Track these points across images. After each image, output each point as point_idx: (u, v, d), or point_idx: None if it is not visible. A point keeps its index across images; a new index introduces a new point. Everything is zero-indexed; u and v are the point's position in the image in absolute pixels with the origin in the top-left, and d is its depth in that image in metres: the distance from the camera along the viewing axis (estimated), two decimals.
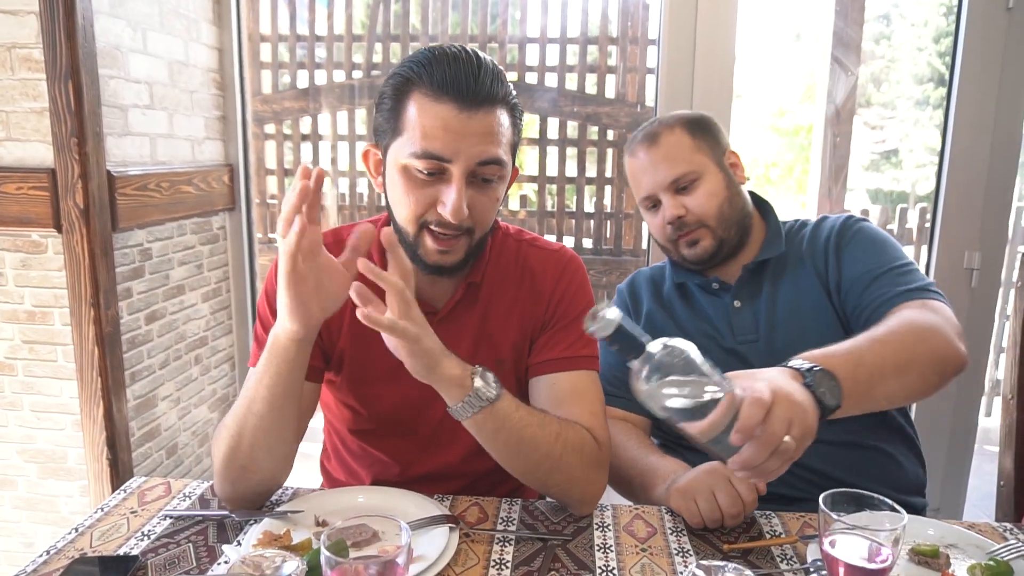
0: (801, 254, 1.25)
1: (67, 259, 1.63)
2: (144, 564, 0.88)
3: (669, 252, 1.30)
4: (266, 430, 0.94)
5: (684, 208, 1.22)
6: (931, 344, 0.99)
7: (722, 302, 1.26)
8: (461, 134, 0.91)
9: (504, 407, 0.94)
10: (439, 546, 0.88)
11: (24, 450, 1.77)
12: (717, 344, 1.25)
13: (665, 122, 1.26)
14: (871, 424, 1.19)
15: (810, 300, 1.21)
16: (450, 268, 1.00)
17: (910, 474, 1.21)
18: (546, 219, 3.21)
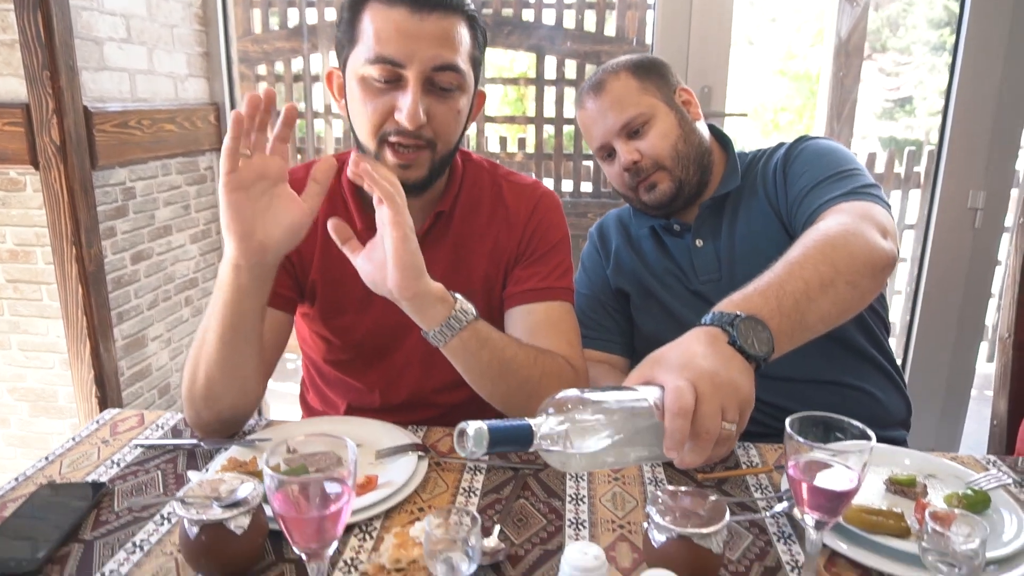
0: (755, 185, 1.21)
1: (46, 197, 1.61)
2: (111, 490, 0.88)
3: (631, 200, 1.26)
4: (220, 361, 0.92)
5: (638, 153, 1.18)
6: (849, 249, 0.91)
7: (684, 243, 1.23)
8: (415, 37, 0.90)
9: (484, 327, 0.93)
10: (406, 473, 0.87)
11: (14, 388, 1.78)
12: (684, 286, 1.22)
13: (609, 68, 1.21)
14: (842, 359, 1.16)
15: (766, 232, 1.17)
16: (414, 185, 0.97)
17: (889, 408, 1.19)
18: (544, 161, 3.15)
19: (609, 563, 0.76)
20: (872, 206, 1.01)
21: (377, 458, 0.92)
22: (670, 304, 1.22)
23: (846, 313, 0.89)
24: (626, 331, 1.29)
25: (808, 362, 1.14)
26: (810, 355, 1.15)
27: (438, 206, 1.06)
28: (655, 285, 1.24)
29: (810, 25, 7.05)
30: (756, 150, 1.27)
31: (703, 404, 0.68)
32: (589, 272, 1.33)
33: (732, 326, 0.77)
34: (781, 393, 1.16)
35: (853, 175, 1.09)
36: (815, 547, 0.68)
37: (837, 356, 1.16)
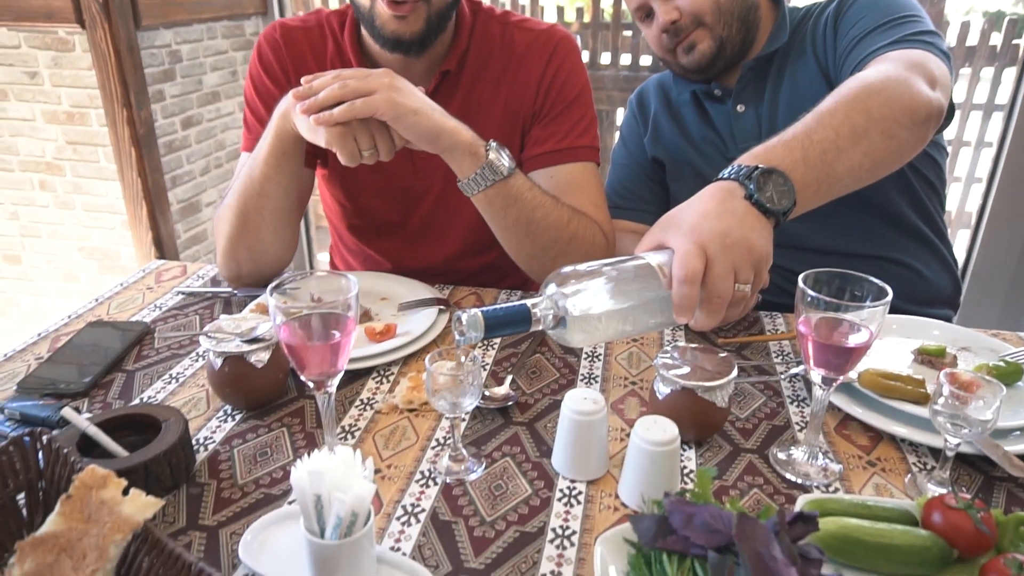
0: (804, 43, 1.11)
1: (94, 57, 1.63)
2: (152, 330, 0.93)
3: (669, 64, 1.17)
4: (272, 210, 0.95)
5: (677, 11, 1.08)
6: (888, 95, 0.82)
7: (725, 108, 1.15)
8: None
9: (517, 184, 0.90)
10: (425, 324, 0.89)
11: (82, 247, 1.88)
12: (721, 154, 1.16)
13: None
14: (884, 232, 1.10)
15: (812, 95, 1.06)
16: (412, 40, 0.92)
17: (934, 284, 1.13)
18: (601, 32, 2.99)
19: (615, 413, 0.77)
20: (923, 54, 0.91)
21: (399, 310, 0.94)
22: (707, 173, 1.17)
23: (880, 166, 0.82)
24: (662, 201, 1.25)
25: (844, 232, 1.09)
26: (847, 224, 1.10)
27: (443, 64, 1.00)
28: (692, 154, 1.18)
29: None
30: (811, 4, 1.16)
31: (713, 267, 0.66)
32: (627, 141, 1.28)
33: (750, 179, 0.72)
34: (814, 264, 1.11)
35: (907, 21, 0.98)
36: (821, 405, 0.68)
37: (876, 227, 1.10)
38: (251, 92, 1.04)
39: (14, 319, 2.03)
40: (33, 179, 1.81)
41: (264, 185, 0.92)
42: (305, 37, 1.04)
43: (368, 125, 0.82)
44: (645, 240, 0.75)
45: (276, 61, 1.03)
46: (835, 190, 0.80)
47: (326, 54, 1.03)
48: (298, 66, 1.03)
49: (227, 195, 1.00)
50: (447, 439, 0.72)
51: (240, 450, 0.70)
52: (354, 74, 0.83)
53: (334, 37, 1.03)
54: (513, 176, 0.88)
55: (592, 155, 1.03)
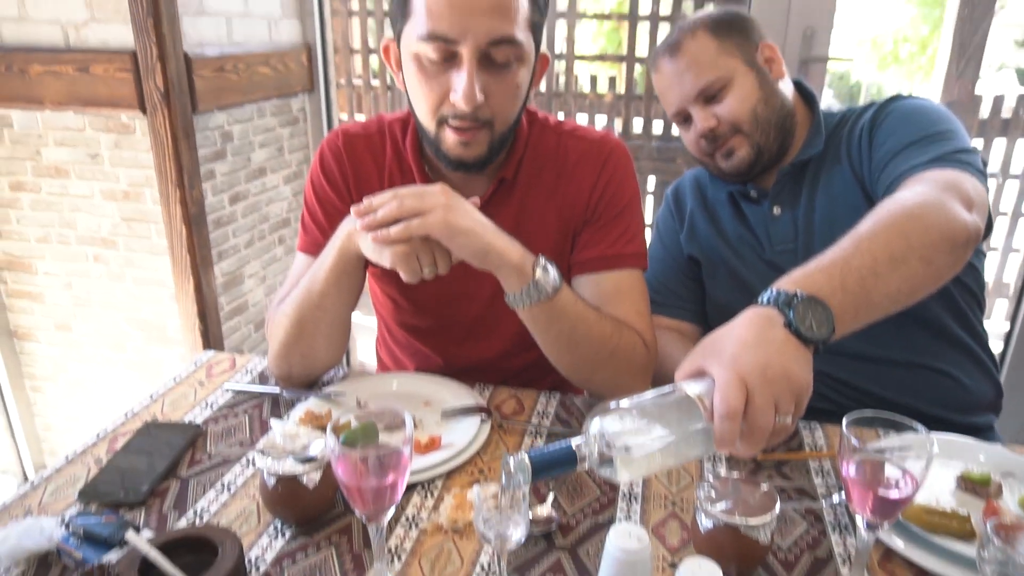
0: (840, 150, 1.13)
1: (152, 141, 1.71)
2: (203, 431, 0.97)
3: (708, 166, 1.21)
4: (329, 321, 0.99)
5: (715, 118, 1.12)
6: (926, 221, 0.83)
7: (761, 210, 1.18)
8: (467, 10, 0.86)
9: (562, 301, 0.93)
10: (469, 435, 0.91)
11: (131, 319, 1.95)
12: (758, 255, 1.18)
13: (686, 28, 1.15)
14: (920, 338, 1.10)
15: (847, 202, 1.09)
16: (473, 163, 0.96)
17: (974, 392, 1.12)
18: (634, 102, 3.05)
19: (657, 539, 0.78)
20: (960, 175, 0.92)
21: (442, 418, 0.97)
22: (743, 274, 1.19)
23: (918, 291, 0.83)
24: (698, 298, 1.27)
25: (882, 340, 1.09)
26: (884, 332, 1.09)
27: (501, 172, 1.04)
28: (728, 253, 1.20)
29: None
30: (846, 109, 1.18)
31: (754, 400, 0.66)
32: (663, 236, 1.30)
33: (789, 307, 0.73)
34: (853, 371, 1.13)
35: (944, 138, 1.00)
36: (866, 546, 0.68)
37: (914, 335, 1.10)
38: (311, 196, 1.09)
39: (62, 385, 2.09)
40: (88, 252, 1.89)
41: (323, 300, 0.96)
42: (366, 144, 1.08)
43: (428, 242, 0.86)
44: (685, 365, 0.76)
45: (337, 168, 1.07)
46: (873, 315, 0.81)
47: (385, 161, 1.07)
48: (358, 173, 1.07)
49: (284, 299, 1.03)
50: (490, 565, 0.73)
51: (290, 572, 0.72)
52: (410, 192, 0.86)
53: (394, 144, 1.08)
54: (558, 294, 0.91)
55: (639, 262, 1.05)
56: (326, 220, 1.07)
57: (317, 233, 1.08)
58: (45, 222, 1.89)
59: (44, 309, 2.00)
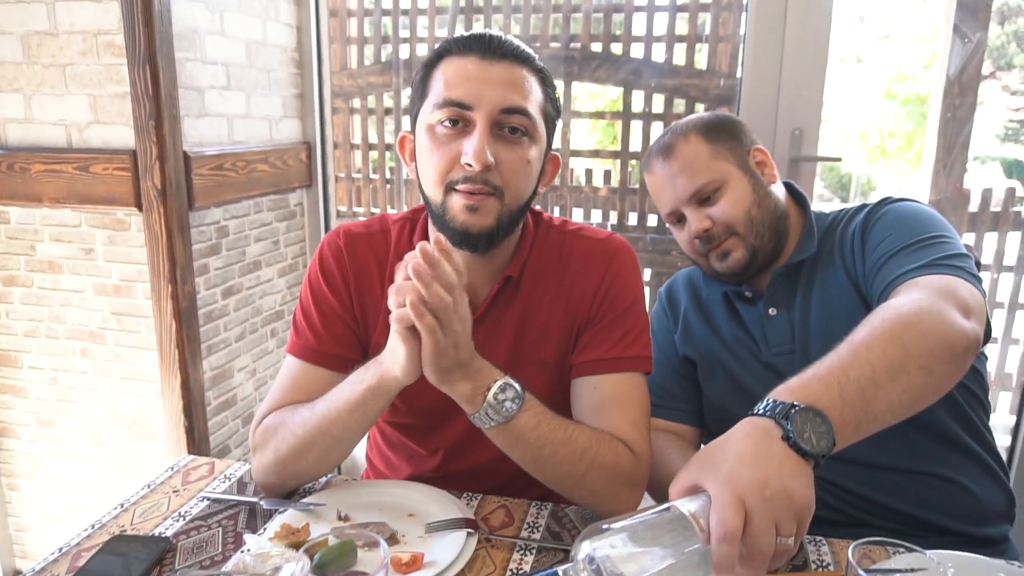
0: (833, 252, 1.13)
1: (147, 237, 1.72)
2: (174, 546, 0.91)
3: (702, 266, 1.21)
4: (339, 449, 0.97)
5: (709, 220, 1.13)
6: (922, 329, 0.81)
7: (756, 311, 1.17)
8: (483, 80, 0.92)
9: (521, 425, 0.89)
10: (453, 551, 0.86)
11: (114, 413, 1.90)
12: (754, 356, 1.16)
13: (678, 131, 1.17)
14: (925, 446, 1.06)
15: (842, 304, 1.08)
16: (480, 235, 0.94)
17: (984, 502, 1.07)
18: (628, 196, 3.10)
19: None
20: (955, 280, 0.92)
21: (427, 532, 0.92)
22: (739, 375, 1.16)
23: (920, 401, 0.81)
24: (694, 399, 1.24)
25: (884, 446, 1.05)
26: (887, 440, 1.06)
27: (506, 270, 1.03)
28: (724, 354, 1.18)
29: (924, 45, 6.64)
30: (838, 210, 1.19)
31: (753, 521, 0.62)
32: (657, 336, 1.28)
33: (787, 418, 0.70)
34: (855, 478, 1.08)
35: (937, 242, 1.00)
36: None
37: (917, 440, 1.06)
38: (307, 295, 1.07)
39: (39, 482, 2.02)
40: (76, 347, 1.87)
41: (344, 432, 0.94)
42: (368, 244, 1.08)
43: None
44: (679, 481, 0.72)
45: (337, 269, 1.06)
46: (874, 427, 0.78)
47: (388, 260, 1.07)
48: (359, 273, 1.06)
49: (275, 408, 1.00)
50: None
51: None
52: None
53: (398, 243, 1.07)
54: (517, 417, 0.88)
55: (641, 364, 1.03)
56: (322, 324, 1.05)
57: (311, 337, 1.05)
58: (35, 316, 1.88)
59: (26, 404, 1.96)
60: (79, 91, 1.70)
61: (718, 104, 2.85)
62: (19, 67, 1.72)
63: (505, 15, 2.99)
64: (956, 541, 1.05)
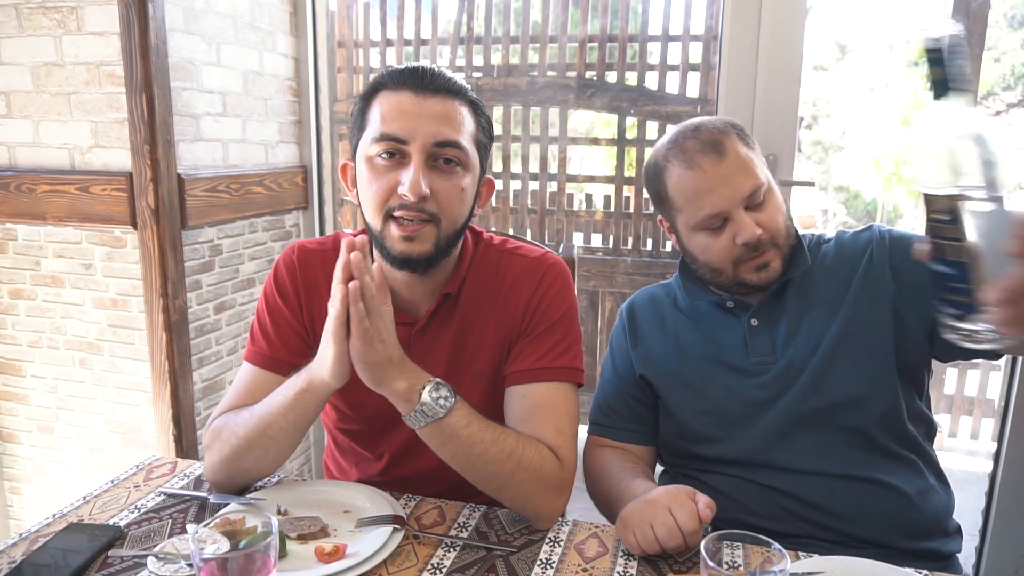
0: (814, 273, 1.16)
1: (141, 253, 1.82)
2: (124, 535, 0.98)
3: (723, 275, 1.14)
4: (277, 449, 1.03)
5: (759, 227, 1.08)
6: None
7: (738, 321, 1.17)
8: (417, 115, 0.97)
9: (452, 424, 0.95)
10: (376, 544, 0.92)
11: (109, 421, 1.99)
12: (725, 366, 1.16)
13: (719, 128, 1.11)
14: (861, 455, 1.09)
15: (822, 321, 1.12)
16: (418, 260, 1.01)
17: (924, 512, 1.10)
18: (623, 220, 3.17)
19: None
20: None
21: (357, 526, 0.97)
22: (706, 385, 1.17)
23: None
24: (645, 419, 1.25)
25: (826, 455, 1.10)
26: (827, 448, 1.09)
27: (445, 288, 1.09)
28: (696, 364, 1.19)
29: None
30: (809, 233, 1.21)
31: None
32: (615, 355, 1.28)
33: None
34: (800, 486, 1.11)
35: None
36: None
37: (857, 449, 1.10)
38: (263, 306, 1.15)
39: (40, 485, 2.12)
40: (75, 357, 1.97)
41: (279, 432, 1.00)
42: (320, 259, 1.15)
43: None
44: None
45: (290, 281, 1.14)
46: None
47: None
48: (309, 287, 1.13)
49: (230, 416, 1.07)
50: None
51: None
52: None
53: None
54: (448, 416, 0.94)
55: (570, 375, 1.08)
56: (275, 333, 1.12)
57: (264, 344, 1.13)
58: (38, 327, 1.99)
59: (29, 411, 2.06)
60: (82, 117, 1.82)
61: None
62: (29, 95, 1.85)
63: (504, 45, 3.10)
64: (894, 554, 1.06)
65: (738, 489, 1.14)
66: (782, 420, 1.11)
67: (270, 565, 0.67)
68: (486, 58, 3.10)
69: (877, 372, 1.09)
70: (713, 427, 1.16)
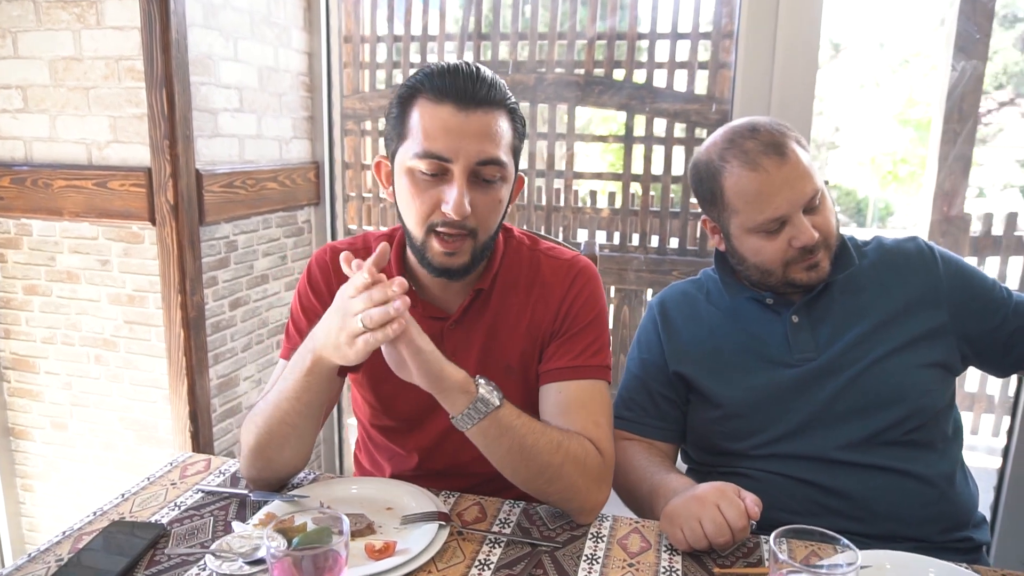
0: (870, 275, 1.18)
1: (159, 249, 1.81)
2: (168, 532, 0.98)
3: (771, 275, 1.16)
4: (297, 435, 1.04)
5: (816, 230, 1.11)
6: None
7: (779, 318, 1.18)
8: (460, 133, 0.96)
9: (506, 415, 0.96)
10: (425, 541, 0.92)
11: (124, 418, 1.98)
12: (765, 359, 1.17)
13: (778, 130, 1.12)
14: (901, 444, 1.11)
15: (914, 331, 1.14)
16: (456, 271, 1.03)
17: (956, 505, 1.12)
18: (630, 218, 3.17)
19: None
20: None
21: (402, 523, 0.98)
22: (745, 376, 1.18)
23: None
24: (669, 416, 1.25)
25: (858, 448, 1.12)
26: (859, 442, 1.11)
27: (477, 284, 1.10)
28: (734, 357, 1.20)
29: (937, 73, 6.67)
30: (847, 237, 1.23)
31: None
32: (643, 350, 1.29)
33: None
34: (833, 475, 1.13)
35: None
36: None
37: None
38: (297, 308, 1.16)
39: (53, 482, 2.11)
40: (91, 354, 1.96)
41: (292, 416, 1.01)
42: (363, 245, 1.16)
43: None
44: None
45: (323, 280, 1.15)
46: None
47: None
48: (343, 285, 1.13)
49: (259, 406, 1.07)
50: None
51: None
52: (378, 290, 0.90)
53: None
54: (503, 407, 0.95)
55: (603, 374, 1.09)
56: (310, 329, 1.12)
57: (300, 341, 1.13)
58: (52, 324, 1.97)
59: (42, 408, 2.05)
60: (100, 112, 1.81)
61: (713, 124, 2.93)
62: (46, 89, 1.83)
63: (512, 42, 3.09)
64: (930, 547, 1.07)
65: (772, 484, 1.15)
66: (819, 412, 1.13)
67: (341, 563, 0.67)
68: (494, 54, 3.10)
69: (918, 373, 1.11)
70: (750, 417, 1.17)
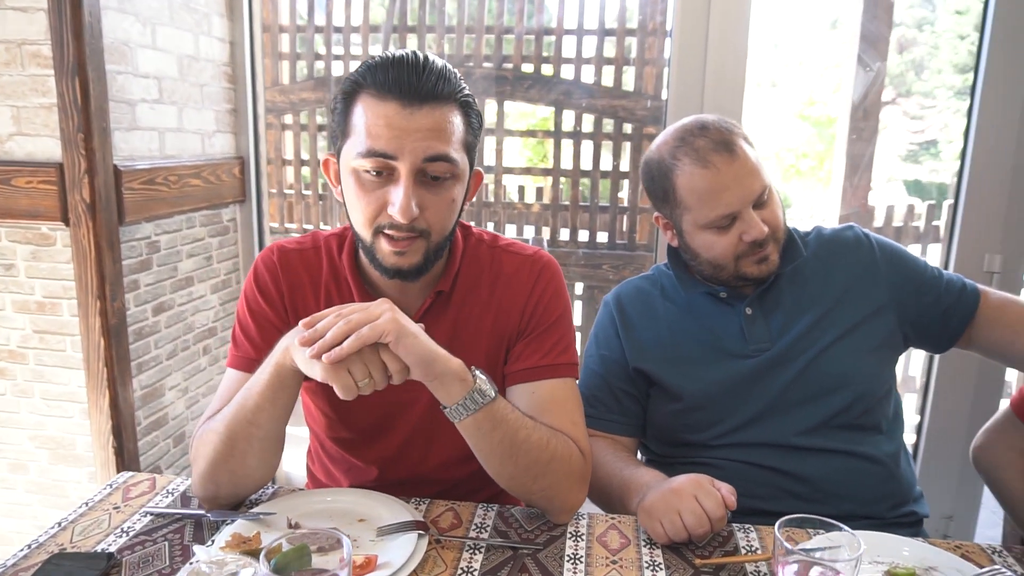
0: (815, 264, 1.22)
1: (74, 252, 1.67)
2: (119, 561, 0.90)
3: (723, 269, 1.18)
4: (261, 438, 0.96)
5: (766, 225, 1.13)
6: None
7: (733, 311, 1.21)
8: (405, 130, 0.91)
9: (501, 407, 0.93)
10: (405, 553, 0.89)
11: (35, 436, 1.82)
12: (721, 351, 1.20)
13: (726, 128, 1.14)
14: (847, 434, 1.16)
15: (812, 311, 1.18)
16: (409, 271, 0.98)
17: (902, 483, 1.18)
18: (560, 212, 3.19)
19: None
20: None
21: (378, 535, 0.94)
22: (703, 368, 1.20)
23: None
24: (631, 411, 1.26)
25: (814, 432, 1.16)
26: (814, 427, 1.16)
27: (437, 285, 1.06)
28: (692, 350, 1.22)
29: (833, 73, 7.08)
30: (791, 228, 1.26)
31: None
32: (602, 347, 1.29)
33: None
34: (786, 460, 1.16)
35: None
36: None
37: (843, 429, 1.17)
38: (244, 311, 1.08)
39: None
40: None
41: (257, 415, 0.94)
42: (301, 259, 1.09)
43: (362, 356, 0.86)
44: None
45: (272, 284, 1.08)
46: None
47: (321, 276, 1.08)
48: (293, 288, 1.08)
49: (212, 418, 1.00)
50: None
51: None
52: (355, 308, 0.88)
53: (330, 259, 1.09)
54: (497, 399, 0.93)
55: (572, 371, 1.08)
56: (260, 336, 1.06)
57: (249, 349, 1.06)
58: None
59: None
60: (1, 102, 1.64)
61: (645, 125, 2.99)
62: None
63: (439, 35, 3.05)
64: (882, 523, 1.13)
65: (734, 472, 1.17)
66: (774, 401, 1.17)
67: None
68: (420, 48, 3.04)
69: (864, 359, 1.17)
70: (710, 408, 1.20)
